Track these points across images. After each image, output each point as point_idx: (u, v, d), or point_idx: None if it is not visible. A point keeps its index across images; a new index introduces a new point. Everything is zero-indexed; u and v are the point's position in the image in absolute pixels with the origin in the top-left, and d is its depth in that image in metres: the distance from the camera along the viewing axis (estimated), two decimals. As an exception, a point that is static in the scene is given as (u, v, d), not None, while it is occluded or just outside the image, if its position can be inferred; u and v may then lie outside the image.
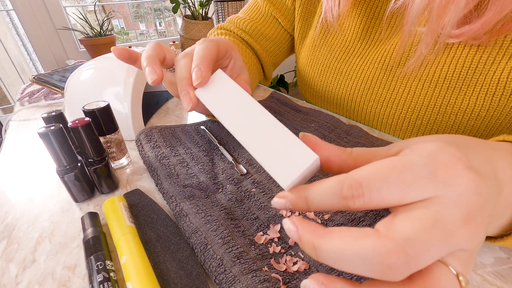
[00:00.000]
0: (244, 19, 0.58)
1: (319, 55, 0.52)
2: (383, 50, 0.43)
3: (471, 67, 0.34)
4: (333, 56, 0.49)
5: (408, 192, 0.15)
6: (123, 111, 0.43)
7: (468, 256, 0.15)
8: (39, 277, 0.24)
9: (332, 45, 0.50)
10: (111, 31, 1.18)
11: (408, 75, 0.40)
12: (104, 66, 0.47)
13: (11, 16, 1.27)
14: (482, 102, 0.34)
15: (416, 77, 0.39)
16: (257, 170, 0.35)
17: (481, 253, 0.24)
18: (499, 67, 0.33)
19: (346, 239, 0.14)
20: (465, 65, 0.35)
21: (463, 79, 0.35)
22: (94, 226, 0.26)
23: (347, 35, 0.47)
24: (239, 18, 0.58)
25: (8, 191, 0.35)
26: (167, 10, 1.52)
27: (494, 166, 0.17)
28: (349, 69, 0.47)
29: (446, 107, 0.37)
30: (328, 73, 0.50)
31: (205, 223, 0.26)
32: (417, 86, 0.39)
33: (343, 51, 0.48)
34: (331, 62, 0.50)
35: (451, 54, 0.36)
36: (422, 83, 0.39)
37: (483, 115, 0.35)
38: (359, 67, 0.46)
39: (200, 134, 0.44)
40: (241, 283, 0.21)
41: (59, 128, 0.28)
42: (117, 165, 0.38)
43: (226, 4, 1.20)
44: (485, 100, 0.34)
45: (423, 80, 0.38)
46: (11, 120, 0.56)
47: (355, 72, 0.46)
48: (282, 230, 0.27)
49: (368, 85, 0.45)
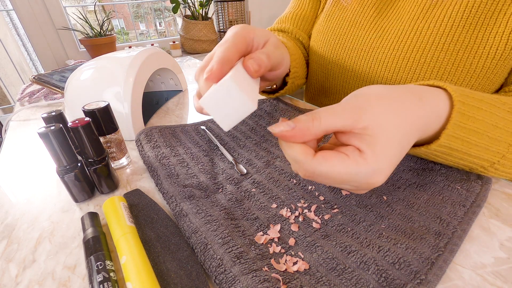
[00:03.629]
0: (285, 14, 0.60)
1: (331, 25, 0.52)
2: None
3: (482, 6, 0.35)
4: (345, 21, 0.49)
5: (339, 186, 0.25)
6: (123, 111, 0.43)
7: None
8: (39, 277, 0.24)
9: (345, 12, 0.50)
10: (111, 31, 1.18)
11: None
12: (104, 66, 0.47)
13: (11, 16, 1.27)
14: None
15: (423, 18, 0.39)
16: (257, 170, 0.35)
17: (481, 253, 0.24)
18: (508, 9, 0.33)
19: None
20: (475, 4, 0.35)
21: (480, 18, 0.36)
22: (94, 226, 0.26)
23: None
24: (281, 16, 0.61)
25: (8, 191, 0.35)
26: (167, 10, 1.52)
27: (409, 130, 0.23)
28: (364, 40, 0.47)
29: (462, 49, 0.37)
30: (340, 40, 0.50)
31: (205, 223, 0.26)
32: (424, 26, 0.39)
33: (355, 17, 0.48)
34: (344, 29, 0.50)
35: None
36: (428, 24, 0.39)
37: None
38: (374, 39, 0.45)
39: (200, 134, 0.44)
40: (241, 283, 0.21)
41: (59, 128, 0.28)
42: (117, 165, 0.38)
43: (226, 4, 1.20)
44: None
45: (429, 21, 0.39)
46: (11, 120, 0.56)
47: (371, 42, 0.46)
48: (282, 230, 0.27)
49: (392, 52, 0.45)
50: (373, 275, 0.21)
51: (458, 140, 0.26)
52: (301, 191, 0.31)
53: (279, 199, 0.30)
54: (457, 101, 0.25)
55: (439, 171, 0.31)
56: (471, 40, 0.36)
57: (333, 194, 0.30)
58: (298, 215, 0.28)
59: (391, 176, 0.32)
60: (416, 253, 0.22)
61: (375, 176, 0.22)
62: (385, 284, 0.20)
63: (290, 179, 0.33)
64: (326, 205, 0.29)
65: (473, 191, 0.28)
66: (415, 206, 0.27)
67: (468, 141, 0.26)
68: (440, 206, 0.27)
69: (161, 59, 0.55)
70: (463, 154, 0.27)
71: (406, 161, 0.34)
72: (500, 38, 0.34)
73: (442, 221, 0.25)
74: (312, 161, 0.22)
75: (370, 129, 0.22)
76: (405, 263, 0.21)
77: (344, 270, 0.22)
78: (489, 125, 0.26)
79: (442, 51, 0.38)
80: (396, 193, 0.29)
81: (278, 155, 0.38)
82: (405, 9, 0.42)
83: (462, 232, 0.24)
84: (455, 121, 0.25)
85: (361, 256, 0.23)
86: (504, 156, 0.28)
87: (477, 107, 0.26)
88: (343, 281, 0.21)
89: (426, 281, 0.20)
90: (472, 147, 0.26)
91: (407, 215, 0.26)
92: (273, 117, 0.47)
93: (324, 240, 0.25)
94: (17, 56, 1.27)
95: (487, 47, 0.35)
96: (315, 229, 0.27)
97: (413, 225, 0.25)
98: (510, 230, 0.25)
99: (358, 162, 0.22)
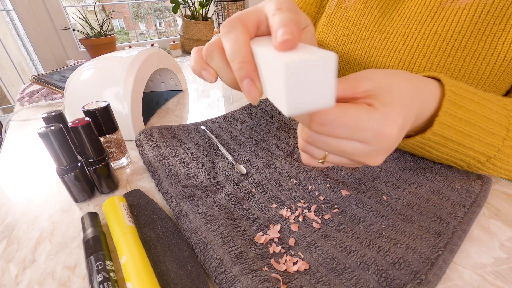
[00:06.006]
0: None
1: (335, 23, 0.51)
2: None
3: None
4: (348, 21, 0.49)
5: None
6: (123, 111, 0.43)
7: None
8: (39, 277, 0.24)
9: (347, 12, 0.49)
10: (111, 31, 1.18)
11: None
12: (104, 66, 0.47)
13: (11, 16, 1.27)
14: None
15: (431, 22, 0.39)
16: (257, 170, 0.35)
17: (481, 253, 0.24)
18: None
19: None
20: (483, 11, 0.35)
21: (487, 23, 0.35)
22: (94, 226, 0.26)
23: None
24: None
25: (8, 191, 0.35)
26: (167, 10, 1.52)
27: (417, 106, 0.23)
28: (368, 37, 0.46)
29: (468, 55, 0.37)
30: (344, 36, 0.50)
31: (205, 223, 0.26)
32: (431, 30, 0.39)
33: (358, 17, 0.47)
34: (346, 28, 0.49)
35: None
36: (436, 28, 0.38)
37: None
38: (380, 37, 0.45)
39: (200, 134, 0.44)
40: (241, 283, 0.21)
41: (59, 128, 0.28)
42: (117, 165, 0.38)
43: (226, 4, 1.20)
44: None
45: (436, 25, 0.38)
46: (11, 120, 0.56)
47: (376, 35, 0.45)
48: (282, 230, 0.27)
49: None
50: (373, 275, 0.21)
51: (450, 129, 0.26)
52: (301, 191, 0.31)
53: (279, 199, 0.30)
54: (448, 90, 0.25)
55: (439, 171, 0.31)
56: (478, 46, 0.36)
57: (333, 194, 0.30)
58: (298, 215, 0.28)
59: (391, 176, 0.32)
60: (416, 253, 0.22)
61: (389, 125, 0.20)
62: (385, 284, 0.20)
63: (290, 179, 0.33)
64: (326, 205, 0.29)
65: (473, 191, 0.28)
66: (415, 206, 0.27)
67: (461, 130, 0.26)
68: (440, 206, 0.27)
69: (161, 59, 0.55)
70: (457, 145, 0.27)
71: (406, 161, 0.34)
72: (508, 45, 0.34)
73: (442, 221, 0.25)
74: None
75: (372, 90, 0.21)
76: (405, 263, 0.21)
77: (344, 270, 0.22)
78: (481, 116, 0.26)
79: (449, 57, 0.37)
80: (396, 193, 0.29)
81: (278, 155, 0.38)
82: (411, 11, 0.42)
83: (462, 232, 0.24)
84: (446, 109, 0.25)
85: (361, 256, 0.23)
86: (500, 150, 0.28)
87: (469, 98, 0.26)
88: (343, 281, 0.21)
89: (426, 281, 0.20)
90: (465, 138, 0.27)
91: (407, 215, 0.26)
92: (273, 117, 0.47)
93: (324, 240, 0.25)
94: (17, 56, 1.27)
95: (495, 54, 0.35)
96: (315, 229, 0.27)
97: (413, 225, 0.25)
98: (510, 230, 0.25)
99: (369, 109, 0.20)
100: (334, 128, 0.20)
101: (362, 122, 0.20)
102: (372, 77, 0.22)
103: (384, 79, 0.22)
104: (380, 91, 0.21)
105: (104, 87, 0.44)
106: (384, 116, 0.20)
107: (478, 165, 0.29)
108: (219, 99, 0.61)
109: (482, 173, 0.31)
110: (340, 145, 0.21)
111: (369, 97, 0.21)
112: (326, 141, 0.21)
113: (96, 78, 0.46)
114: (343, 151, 0.22)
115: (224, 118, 0.48)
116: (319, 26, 0.55)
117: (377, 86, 0.21)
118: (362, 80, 0.22)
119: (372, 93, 0.21)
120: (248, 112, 0.49)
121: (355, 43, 0.48)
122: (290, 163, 0.35)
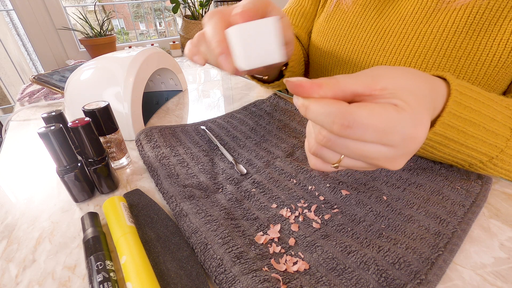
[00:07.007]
0: (284, 10, 0.60)
1: (332, 24, 0.51)
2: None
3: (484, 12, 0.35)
4: (345, 21, 0.49)
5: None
6: (123, 111, 0.43)
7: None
8: (39, 277, 0.24)
9: (345, 13, 0.49)
10: (111, 31, 1.18)
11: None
12: (104, 66, 0.47)
13: (11, 16, 1.27)
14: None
15: (427, 22, 0.39)
16: (257, 170, 0.35)
17: (481, 253, 0.24)
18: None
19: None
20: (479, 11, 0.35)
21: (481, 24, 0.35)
22: (94, 226, 0.26)
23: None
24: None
25: (8, 191, 0.35)
26: (167, 10, 1.52)
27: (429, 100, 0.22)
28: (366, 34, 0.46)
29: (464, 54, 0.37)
30: (341, 36, 0.50)
31: (205, 223, 0.26)
32: (426, 31, 0.39)
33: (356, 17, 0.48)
34: (344, 28, 0.49)
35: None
36: (431, 28, 0.38)
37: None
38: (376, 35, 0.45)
39: (200, 134, 0.44)
40: (241, 283, 0.21)
41: (59, 128, 0.28)
42: (117, 165, 0.38)
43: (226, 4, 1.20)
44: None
45: (432, 26, 0.38)
46: (11, 120, 0.56)
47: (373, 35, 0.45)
48: (282, 230, 0.27)
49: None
50: (373, 275, 0.21)
51: (453, 129, 0.25)
52: (301, 191, 0.31)
53: (279, 199, 0.30)
54: (454, 90, 0.24)
55: (439, 171, 0.31)
56: (474, 47, 0.36)
57: (333, 194, 0.30)
58: (298, 215, 0.28)
59: (391, 176, 0.32)
60: (416, 253, 0.22)
61: (418, 127, 0.19)
62: (385, 284, 0.20)
63: (290, 179, 0.33)
64: (326, 205, 0.29)
65: (473, 191, 0.28)
66: (415, 206, 0.27)
67: (464, 131, 0.26)
68: (440, 206, 0.27)
69: (161, 59, 0.55)
70: (460, 146, 0.27)
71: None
72: (504, 45, 0.34)
73: (442, 221, 0.25)
74: (350, 106, 0.19)
75: (390, 88, 0.20)
76: (405, 263, 0.21)
77: (344, 270, 0.22)
78: (486, 117, 0.26)
79: (444, 57, 0.38)
80: (396, 193, 0.29)
81: (278, 155, 0.38)
82: (408, 11, 0.42)
83: (462, 232, 0.24)
84: (450, 109, 0.24)
85: (361, 256, 0.23)
86: (503, 151, 0.28)
87: (474, 98, 0.26)
88: (343, 281, 0.21)
89: (426, 281, 0.20)
90: (468, 138, 0.26)
91: (407, 215, 0.26)
92: (273, 117, 0.47)
93: (324, 240, 0.25)
94: (17, 56, 1.27)
95: (490, 54, 0.35)
96: (315, 229, 0.27)
97: (413, 225, 0.25)
98: (510, 230, 0.25)
99: (397, 109, 0.19)
100: (361, 130, 0.19)
101: (392, 125, 0.19)
102: (388, 74, 0.21)
103: (402, 78, 0.21)
104: (401, 91, 0.20)
105: (104, 87, 0.44)
106: (413, 118, 0.19)
107: (480, 164, 0.29)
108: (219, 99, 0.61)
109: (483, 173, 0.31)
110: (363, 149, 0.20)
111: (389, 96, 0.20)
112: (349, 144, 0.20)
113: (96, 78, 0.46)
114: (365, 155, 0.20)
115: (224, 118, 0.48)
116: (317, 28, 0.55)
117: (397, 86, 0.20)
118: (379, 77, 0.20)
119: (392, 92, 0.20)
120: (248, 112, 0.49)
121: (352, 43, 0.48)
122: (290, 163, 0.35)
